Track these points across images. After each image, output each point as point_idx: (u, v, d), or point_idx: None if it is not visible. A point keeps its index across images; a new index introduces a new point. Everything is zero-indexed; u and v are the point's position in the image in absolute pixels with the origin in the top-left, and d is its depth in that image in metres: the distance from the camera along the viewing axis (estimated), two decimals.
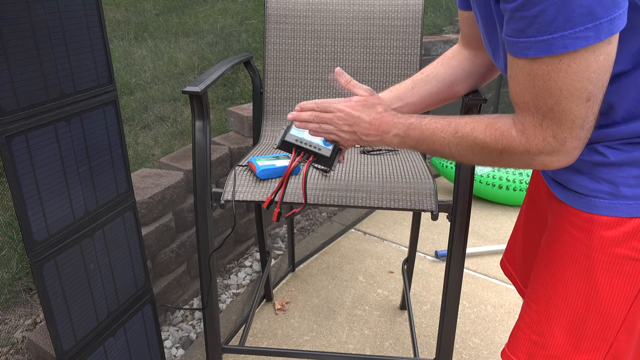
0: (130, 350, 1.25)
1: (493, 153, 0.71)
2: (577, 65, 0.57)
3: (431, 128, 0.79)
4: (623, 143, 0.69)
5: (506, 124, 0.69)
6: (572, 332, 0.76)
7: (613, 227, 0.70)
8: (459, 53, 0.99)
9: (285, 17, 1.47)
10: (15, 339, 1.48)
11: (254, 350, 1.33)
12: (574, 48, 0.56)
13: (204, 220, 1.14)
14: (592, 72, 0.58)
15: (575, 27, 0.55)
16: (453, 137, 0.75)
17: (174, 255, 1.76)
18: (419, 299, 1.93)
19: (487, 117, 0.73)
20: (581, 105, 0.60)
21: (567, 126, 0.62)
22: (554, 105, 0.61)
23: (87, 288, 1.09)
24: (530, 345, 0.81)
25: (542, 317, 0.79)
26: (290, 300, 1.91)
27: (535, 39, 0.58)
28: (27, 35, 0.89)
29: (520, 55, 0.61)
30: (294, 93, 1.49)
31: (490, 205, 2.67)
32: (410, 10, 1.44)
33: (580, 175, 0.73)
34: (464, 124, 0.74)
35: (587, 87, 0.59)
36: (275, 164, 1.17)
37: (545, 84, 0.60)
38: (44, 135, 0.95)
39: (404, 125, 0.83)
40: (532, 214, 0.98)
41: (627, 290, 0.71)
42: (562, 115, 0.61)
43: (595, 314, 0.74)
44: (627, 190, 0.68)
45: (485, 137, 0.71)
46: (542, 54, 0.58)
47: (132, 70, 2.75)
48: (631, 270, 0.70)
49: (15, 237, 1.68)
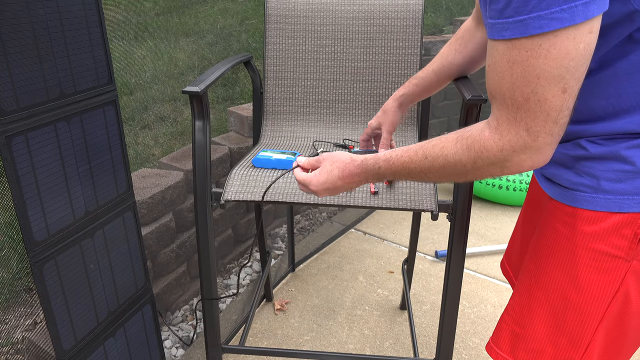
0: (130, 350, 1.25)
1: (467, 165, 0.70)
2: (557, 51, 0.57)
3: (400, 163, 0.79)
4: (604, 138, 0.70)
5: (478, 129, 0.69)
6: (552, 327, 0.77)
7: (594, 223, 0.71)
8: (473, 35, 1.01)
9: (285, 17, 1.47)
10: (15, 339, 1.48)
11: (254, 350, 1.33)
12: (549, 29, 0.56)
13: (204, 220, 1.14)
14: (570, 60, 0.58)
15: (550, 7, 0.55)
16: (423, 162, 0.75)
17: (174, 255, 1.76)
18: (419, 299, 1.93)
19: (454, 133, 0.73)
20: (557, 96, 0.60)
21: (541, 118, 0.61)
22: (530, 94, 0.60)
23: (87, 288, 1.09)
24: (513, 337, 0.82)
25: (524, 310, 0.80)
26: (290, 300, 1.91)
27: (513, 20, 0.58)
28: (27, 35, 0.89)
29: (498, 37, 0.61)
30: (294, 93, 1.49)
31: (490, 205, 2.67)
32: (410, 10, 1.44)
33: (565, 169, 0.74)
34: (432, 147, 0.75)
35: (565, 76, 0.59)
36: (272, 156, 1.19)
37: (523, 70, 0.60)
38: (44, 135, 0.95)
39: (373, 172, 0.84)
40: (530, 215, 0.99)
41: (606, 288, 0.71)
42: (537, 106, 0.61)
43: (573, 310, 0.74)
44: (607, 184, 0.69)
45: (457, 150, 0.71)
46: (518, 35, 0.58)
47: (132, 70, 2.75)
48: (610, 267, 0.70)
49: (16, 237, 1.68)
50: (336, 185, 0.89)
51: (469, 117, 1.04)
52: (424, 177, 0.78)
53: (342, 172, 0.88)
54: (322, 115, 1.49)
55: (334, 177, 0.88)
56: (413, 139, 1.44)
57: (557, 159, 0.76)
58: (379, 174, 0.83)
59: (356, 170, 0.86)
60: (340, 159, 0.89)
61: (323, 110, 1.49)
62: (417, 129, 1.47)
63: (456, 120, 2.96)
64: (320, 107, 1.49)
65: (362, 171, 0.85)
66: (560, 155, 0.75)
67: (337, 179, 0.88)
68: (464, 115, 1.04)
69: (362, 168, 0.85)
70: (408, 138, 1.45)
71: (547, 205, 0.80)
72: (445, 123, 2.94)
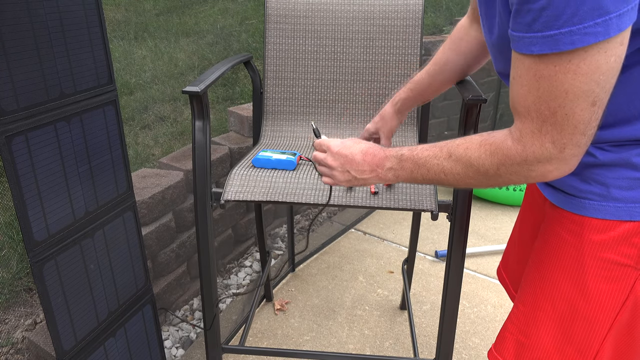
0: (130, 350, 1.25)
1: (490, 171, 0.69)
2: (587, 66, 0.55)
3: (423, 156, 0.77)
4: (612, 145, 0.68)
5: (500, 137, 0.67)
6: (559, 336, 0.75)
7: (603, 231, 0.69)
8: (467, 33, 0.99)
9: (285, 17, 1.47)
10: (15, 339, 1.48)
11: (254, 350, 1.34)
12: (582, 44, 0.54)
13: (204, 220, 1.14)
14: (601, 74, 0.55)
15: (583, 22, 0.52)
16: (447, 161, 0.73)
17: (174, 255, 1.76)
18: (419, 299, 1.93)
19: (479, 136, 0.71)
20: (586, 109, 0.57)
21: (568, 132, 0.59)
22: (557, 108, 0.58)
23: (87, 288, 1.09)
24: (518, 346, 0.80)
25: (529, 319, 0.78)
26: (290, 300, 1.91)
27: (542, 34, 0.55)
28: (27, 35, 0.89)
29: (526, 52, 0.58)
30: (294, 93, 1.49)
31: (490, 205, 2.67)
32: (410, 10, 1.44)
33: (572, 176, 0.72)
34: (456, 146, 0.73)
35: (595, 90, 0.56)
36: (272, 156, 1.19)
37: (550, 85, 0.58)
38: (44, 135, 0.95)
39: (395, 157, 0.81)
40: (527, 219, 0.97)
41: (615, 297, 0.70)
42: (564, 119, 0.59)
43: (582, 319, 0.73)
44: (617, 192, 0.67)
45: (480, 154, 0.69)
46: (547, 50, 0.56)
47: (132, 70, 2.75)
48: (620, 276, 0.69)
49: (16, 237, 1.68)
50: (354, 161, 0.86)
51: (469, 117, 1.04)
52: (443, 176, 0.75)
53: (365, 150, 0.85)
54: (322, 115, 1.49)
55: (356, 151, 0.86)
56: (413, 139, 1.44)
57: None
58: (400, 162, 0.81)
59: (379, 153, 0.84)
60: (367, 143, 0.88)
61: (323, 111, 1.49)
62: (417, 129, 1.47)
63: (456, 120, 2.96)
64: (320, 107, 1.49)
65: (384, 155, 0.83)
66: None
67: (358, 154, 0.85)
68: (464, 115, 1.04)
69: (384, 152, 0.83)
70: (408, 138, 1.45)
71: (550, 213, 0.78)
72: (445, 123, 2.94)
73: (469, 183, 0.73)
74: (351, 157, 0.86)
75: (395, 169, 0.82)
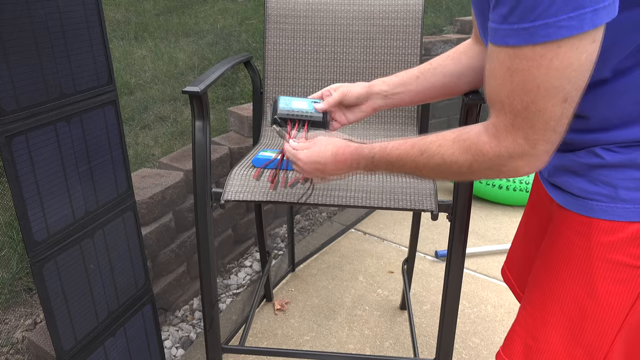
0: (130, 350, 1.25)
1: (463, 167, 0.69)
2: (559, 62, 0.55)
3: (395, 154, 0.78)
4: (620, 146, 0.68)
5: (475, 132, 0.68)
6: (568, 338, 0.75)
7: (611, 233, 0.69)
8: (470, 49, 0.98)
9: (285, 17, 1.47)
10: (15, 339, 1.48)
11: (254, 350, 1.34)
12: (556, 37, 0.54)
13: (204, 220, 1.14)
14: (572, 71, 0.56)
15: (558, 14, 0.53)
16: (419, 158, 0.74)
17: (174, 255, 1.76)
18: (419, 299, 1.93)
19: (452, 132, 0.72)
20: (557, 105, 0.58)
21: (540, 127, 0.60)
22: (529, 103, 0.59)
23: (87, 288, 1.09)
24: (526, 349, 0.80)
25: (537, 322, 0.78)
26: (290, 300, 1.91)
27: (518, 26, 0.56)
28: (27, 35, 0.89)
29: (501, 43, 0.59)
30: (294, 93, 1.49)
31: (490, 205, 2.67)
32: (410, 10, 1.44)
33: (579, 177, 0.72)
34: (429, 143, 0.73)
35: (566, 87, 0.57)
36: (272, 156, 1.19)
37: (523, 79, 0.58)
38: (44, 135, 0.95)
39: (367, 159, 0.82)
40: (533, 220, 0.96)
41: (624, 298, 0.69)
42: (535, 115, 0.59)
43: (591, 321, 0.72)
44: (625, 193, 0.67)
45: (454, 150, 0.70)
46: (522, 42, 0.56)
47: (132, 70, 2.75)
48: (628, 277, 0.68)
49: (15, 237, 1.68)
50: (326, 166, 0.86)
51: (469, 117, 1.04)
52: (418, 172, 0.76)
53: (335, 153, 0.85)
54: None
55: (327, 155, 0.86)
56: None
57: (568, 167, 0.74)
58: (372, 163, 0.82)
59: (350, 155, 0.84)
60: (336, 142, 0.87)
61: None
62: (417, 129, 1.47)
63: (456, 120, 2.96)
64: None
65: (356, 157, 0.83)
66: (572, 163, 0.73)
67: (329, 159, 0.86)
68: (464, 115, 1.04)
69: (356, 154, 0.84)
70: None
71: (557, 214, 0.77)
72: (445, 123, 2.94)
73: (443, 177, 0.75)
74: (323, 163, 0.87)
75: (369, 168, 0.84)
